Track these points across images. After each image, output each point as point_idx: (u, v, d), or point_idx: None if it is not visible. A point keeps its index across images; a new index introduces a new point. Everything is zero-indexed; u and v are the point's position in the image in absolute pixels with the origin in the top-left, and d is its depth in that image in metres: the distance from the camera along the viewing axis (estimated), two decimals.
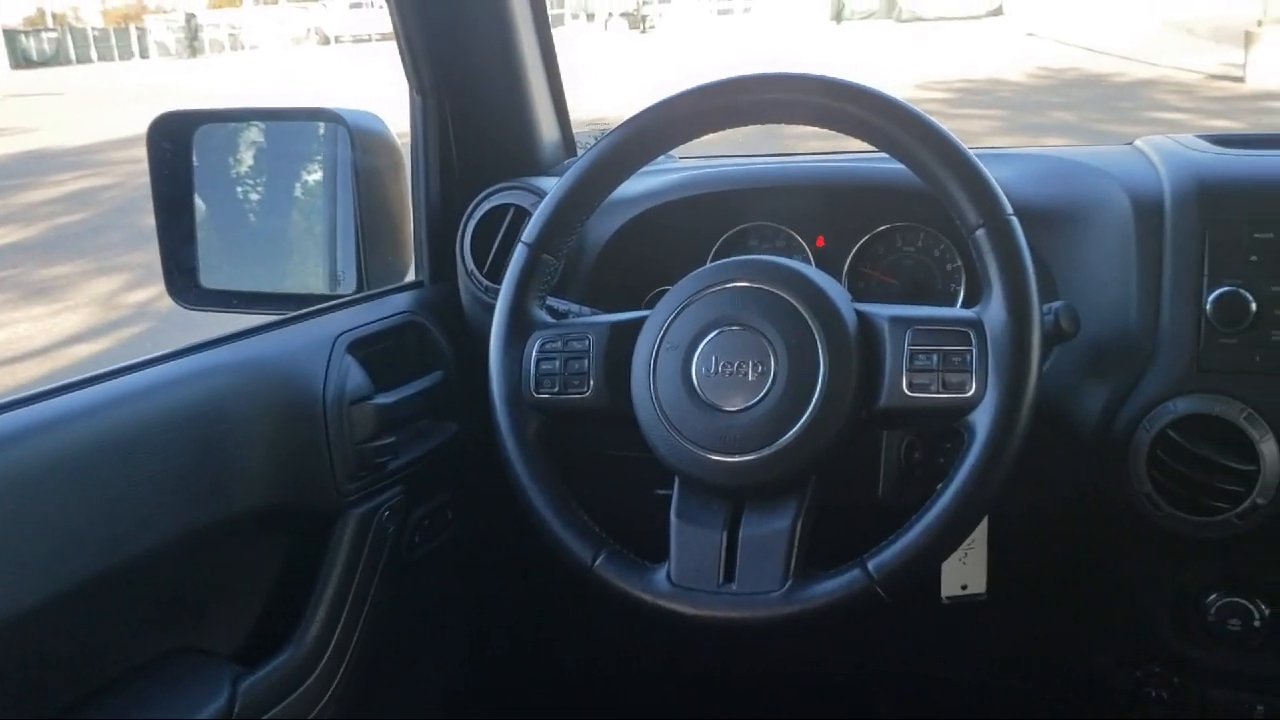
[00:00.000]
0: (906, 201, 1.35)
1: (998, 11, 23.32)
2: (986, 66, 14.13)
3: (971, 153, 1.05)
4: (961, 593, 1.31)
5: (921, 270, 1.42)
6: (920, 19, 23.32)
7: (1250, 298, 1.15)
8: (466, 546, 1.53)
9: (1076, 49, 15.58)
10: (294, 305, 1.41)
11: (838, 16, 25.47)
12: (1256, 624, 1.26)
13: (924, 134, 1.04)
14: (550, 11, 1.61)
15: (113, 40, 43.27)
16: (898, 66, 14.55)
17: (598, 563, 1.09)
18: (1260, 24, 11.83)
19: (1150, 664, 1.37)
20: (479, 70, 1.51)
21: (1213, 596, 1.28)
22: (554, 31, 1.60)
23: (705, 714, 1.80)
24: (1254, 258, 1.16)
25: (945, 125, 1.06)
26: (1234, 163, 1.24)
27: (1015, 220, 1.02)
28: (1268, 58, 11.54)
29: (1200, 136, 1.31)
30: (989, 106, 11.35)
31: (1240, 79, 11.73)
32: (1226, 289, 1.16)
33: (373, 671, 1.37)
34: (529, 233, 1.16)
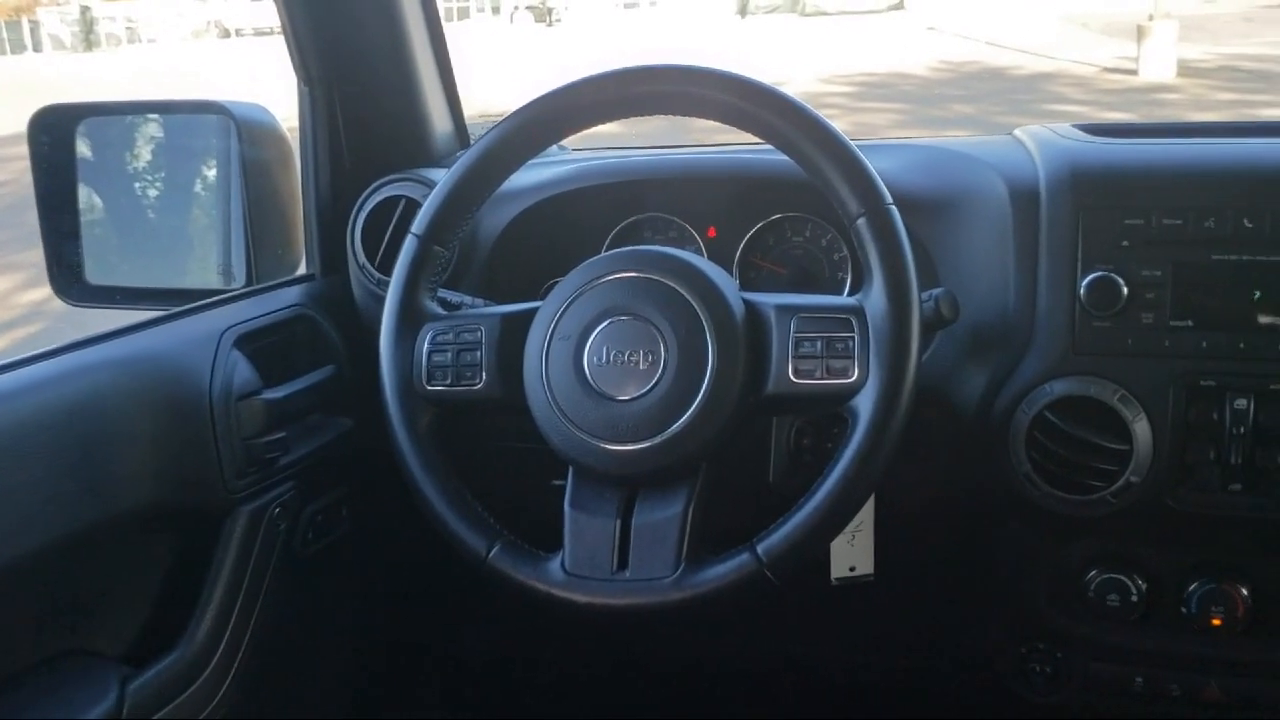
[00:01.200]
0: (795, 192, 1.37)
1: (899, 6, 23.67)
2: (889, 61, 14.34)
3: (852, 143, 1.07)
4: (850, 574, 1.33)
5: (810, 260, 1.44)
6: (823, 13, 23.58)
7: (1121, 282, 1.19)
8: (362, 542, 1.52)
9: (977, 43, 15.88)
10: (183, 301, 1.38)
11: (743, 10, 25.63)
12: (1134, 598, 1.30)
13: (805, 125, 1.06)
14: (456, 4, 1.61)
15: (3, 33, 41.96)
16: (802, 61, 14.70)
17: (492, 554, 1.09)
18: (1151, 18, 12.16)
19: (1034, 640, 1.41)
20: (367, 61, 1.50)
21: (1092, 573, 1.32)
22: (459, 25, 1.61)
23: (604, 704, 1.81)
24: (1125, 243, 1.20)
25: (829, 117, 1.08)
26: (1106, 151, 1.28)
27: (894, 209, 1.05)
28: (1158, 51, 11.88)
29: (1076, 126, 1.34)
30: (892, 100, 11.51)
31: (1134, 71, 12.06)
32: (1099, 274, 1.20)
33: (266, 670, 1.36)
34: (418, 224, 1.16)
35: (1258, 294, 1.17)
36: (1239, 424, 1.18)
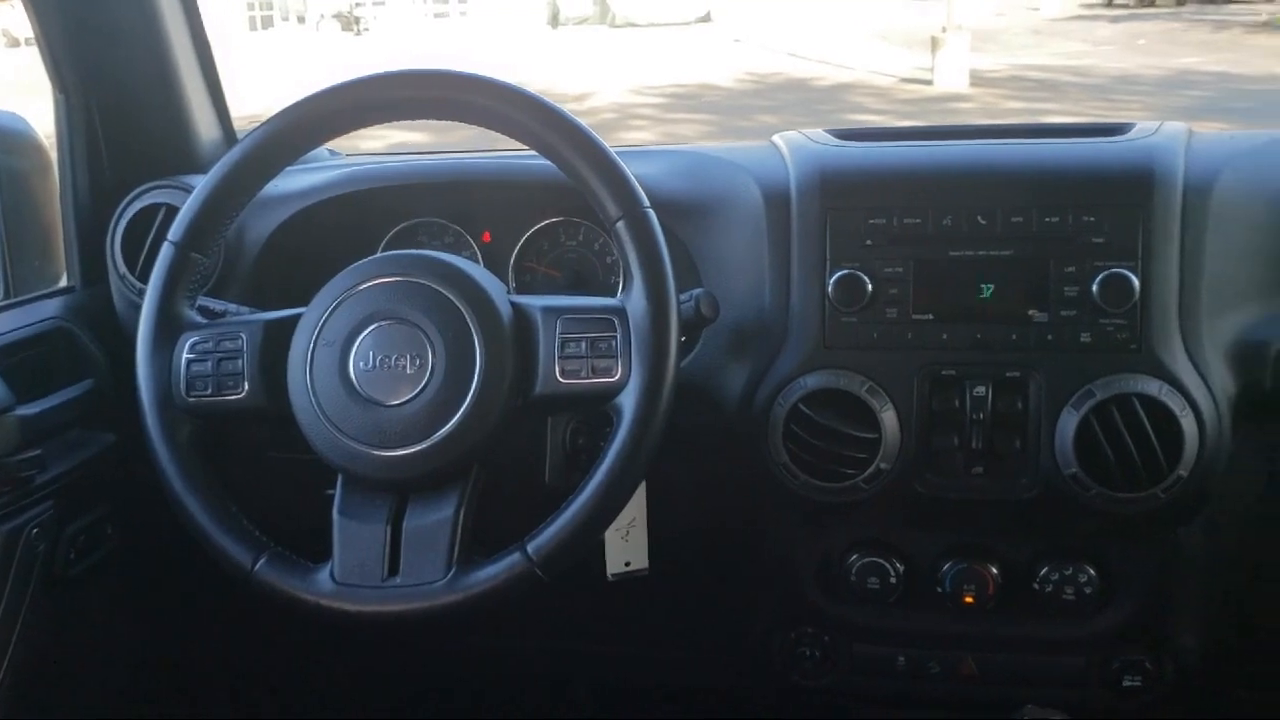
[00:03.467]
0: (568, 197, 1.39)
1: (706, 19, 24.10)
2: (696, 72, 14.59)
3: (610, 149, 1.10)
4: (625, 569, 1.36)
5: (584, 263, 1.47)
6: (633, 25, 23.82)
7: (866, 279, 1.26)
8: (132, 560, 1.48)
9: (781, 54, 16.30)
10: None
11: (553, 21, 25.70)
12: (893, 580, 1.37)
13: (564, 131, 1.09)
14: (260, 14, 1.58)
15: None
16: (612, 72, 14.83)
17: (258, 566, 1.08)
18: (944, 30, 12.69)
19: (802, 625, 1.46)
20: (125, 67, 1.46)
21: (853, 558, 1.38)
22: (262, 33, 1.58)
23: (396, 711, 1.81)
24: (869, 242, 1.27)
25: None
26: (852, 154, 1.34)
27: (652, 212, 1.08)
28: (951, 61, 12.42)
29: (829, 131, 1.41)
30: (699, 110, 11.72)
31: (929, 82, 12.58)
32: (845, 271, 1.26)
33: (28, 694, 1.30)
34: (175, 231, 1.14)
35: (991, 288, 1.25)
36: (978, 411, 1.25)
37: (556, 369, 1.07)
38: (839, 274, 1.26)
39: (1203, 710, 1.48)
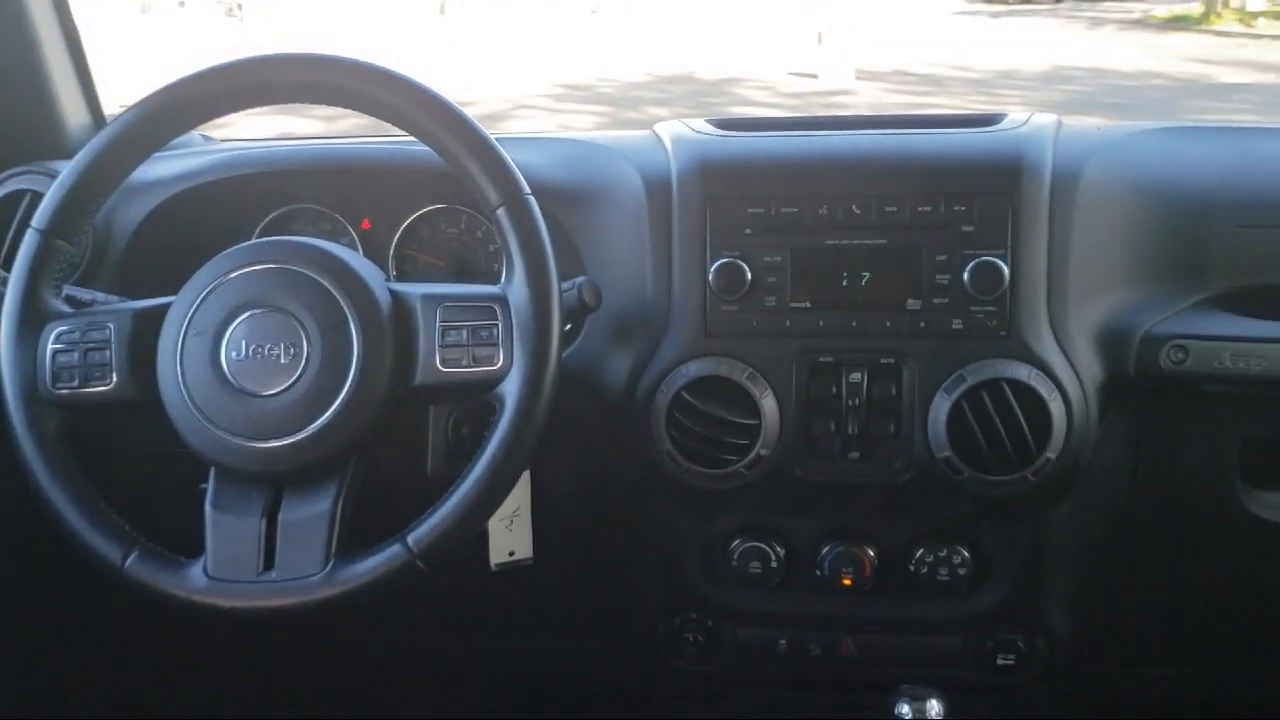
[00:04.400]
0: (448, 184, 1.38)
1: (595, 11, 24.09)
2: (588, 62, 14.57)
3: (491, 136, 1.09)
4: (510, 559, 1.36)
5: (466, 251, 1.46)
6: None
7: (746, 268, 1.27)
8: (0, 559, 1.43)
9: (671, 46, 16.35)
10: None
11: (443, 8, 25.43)
12: (774, 565, 1.39)
13: (445, 118, 1.08)
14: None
15: None
16: (503, 61, 14.72)
17: (128, 562, 1.06)
18: (829, 25, 12.85)
19: (687, 610, 1.48)
20: None
21: (735, 543, 1.40)
22: (140, 18, 1.52)
23: (282, 706, 1.78)
24: (748, 231, 1.28)
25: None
26: (731, 144, 1.36)
27: (533, 200, 1.08)
28: (836, 57, 12.59)
29: (710, 121, 1.42)
30: (592, 103, 11.71)
31: (814, 75, 12.74)
32: (725, 260, 1.27)
33: None
34: (39, 217, 1.10)
35: (867, 276, 1.27)
36: (854, 396, 1.28)
37: (437, 358, 1.07)
38: (719, 263, 1.27)
39: (1072, 686, 1.53)
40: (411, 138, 1.11)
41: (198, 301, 1.08)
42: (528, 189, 1.08)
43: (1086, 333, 1.28)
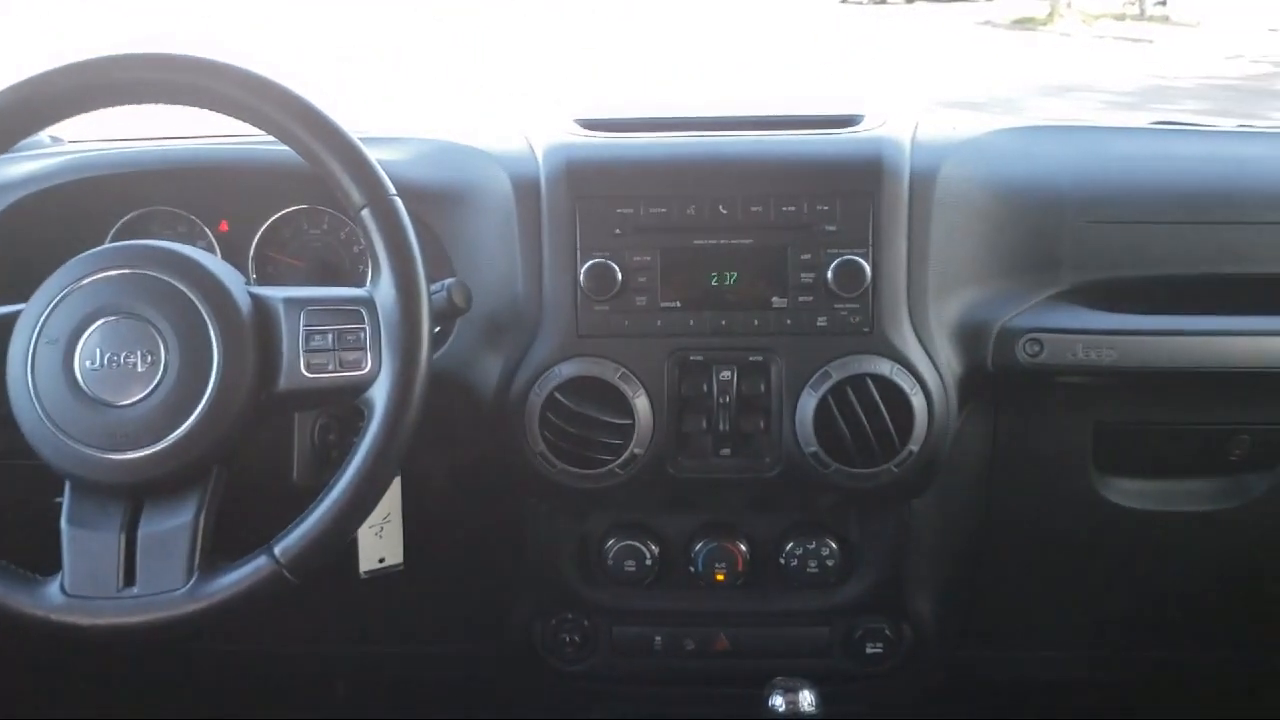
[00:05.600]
0: (309, 184, 1.36)
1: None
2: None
3: (353, 135, 1.07)
4: (380, 566, 1.34)
5: (330, 253, 1.43)
6: None
7: (617, 268, 1.28)
8: None
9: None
10: None
11: None
12: (648, 562, 1.40)
13: (304, 117, 1.06)
14: None
15: None
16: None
17: None
18: None
19: (563, 611, 1.48)
20: None
21: (610, 542, 1.41)
22: None
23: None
24: (618, 231, 1.29)
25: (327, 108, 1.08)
26: (599, 146, 1.36)
27: (398, 200, 1.07)
28: None
29: (576, 120, 1.42)
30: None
31: None
32: (596, 260, 1.28)
33: None
34: None
35: (734, 275, 1.29)
36: (725, 394, 1.30)
37: (301, 363, 1.05)
38: (590, 263, 1.28)
39: (938, 670, 1.58)
40: (271, 137, 1.08)
41: (49, 309, 1.04)
42: (393, 189, 1.07)
43: (946, 328, 1.32)
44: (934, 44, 14.97)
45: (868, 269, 1.27)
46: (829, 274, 1.27)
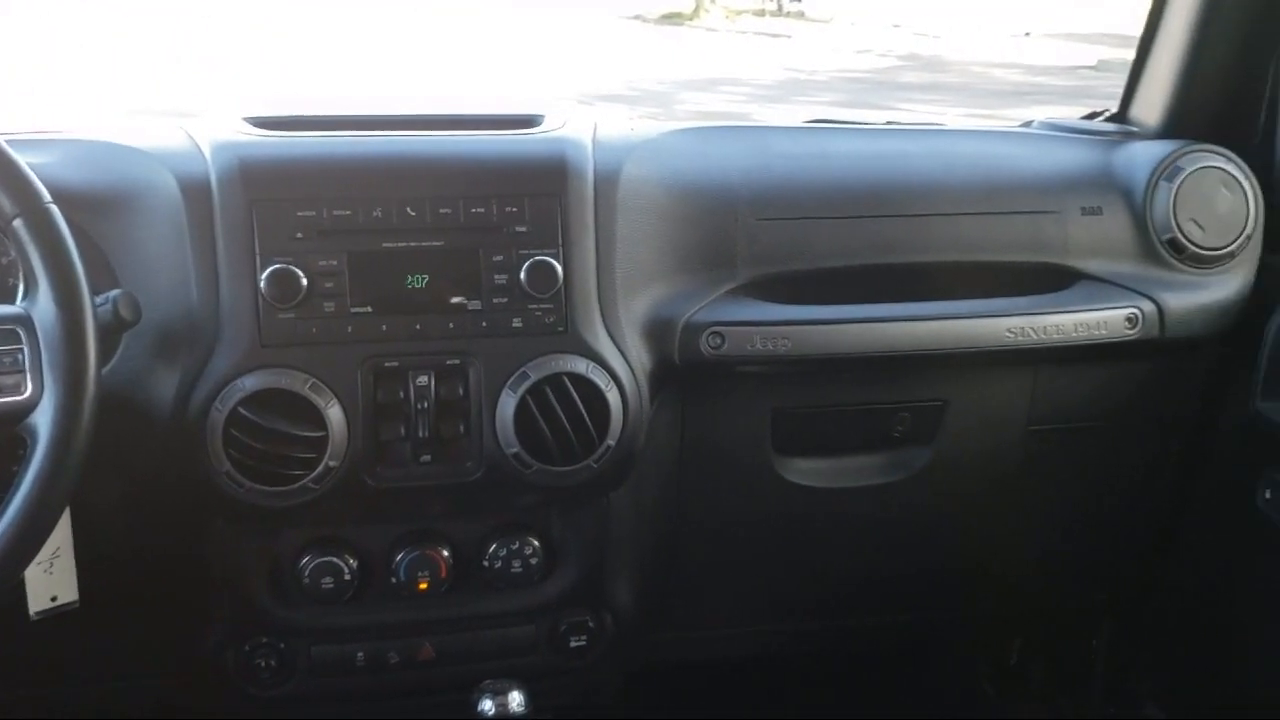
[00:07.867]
0: None
1: None
2: None
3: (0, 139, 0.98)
4: (53, 605, 1.23)
5: None
6: None
7: (300, 273, 1.22)
8: None
9: None
10: None
11: None
12: (346, 577, 1.35)
13: None
14: None
15: None
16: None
17: None
18: None
19: (257, 636, 1.41)
20: None
21: (305, 559, 1.35)
22: None
23: None
24: (299, 235, 1.23)
25: None
26: (274, 145, 1.29)
27: (55, 208, 1.00)
28: None
29: (246, 119, 1.35)
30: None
31: None
32: (277, 266, 1.22)
33: None
34: None
35: (426, 278, 1.27)
36: (422, 400, 1.27)
37: None
38: (271, 269, 1.21)
39: (640, 654, 1.62)
40: None
41: None
42: (48, 197, 0.99)
43: (636, 324, 1.35)
44: (582, 38, 15.21)
45: (559, 269, 1.28)
46: (522, 275, 1.27)
